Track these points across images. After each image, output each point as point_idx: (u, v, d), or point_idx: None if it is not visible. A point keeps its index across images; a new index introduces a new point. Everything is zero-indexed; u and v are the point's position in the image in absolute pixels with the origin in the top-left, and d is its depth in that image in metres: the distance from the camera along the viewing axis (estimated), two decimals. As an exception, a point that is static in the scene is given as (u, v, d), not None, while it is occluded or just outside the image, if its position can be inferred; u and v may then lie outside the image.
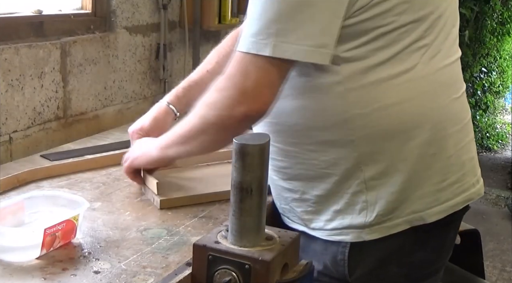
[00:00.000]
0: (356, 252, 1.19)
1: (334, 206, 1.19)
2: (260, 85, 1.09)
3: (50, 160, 1.67)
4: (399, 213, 1.16)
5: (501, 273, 3.53)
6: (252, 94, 1.09)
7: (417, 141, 1.15)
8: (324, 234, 1.21)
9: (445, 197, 1.19)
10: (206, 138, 1.20)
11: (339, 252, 1.20)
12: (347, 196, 1.17)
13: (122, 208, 1.37)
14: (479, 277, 2.28)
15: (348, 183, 1.17)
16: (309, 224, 1.24)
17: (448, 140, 1.18)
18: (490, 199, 4.78)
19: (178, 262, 1.12)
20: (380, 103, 1.13)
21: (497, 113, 7.22)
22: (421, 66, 1.14)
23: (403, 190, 1.16)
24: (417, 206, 1.17)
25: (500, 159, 6.07)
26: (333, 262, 1.21)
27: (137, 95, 2.32)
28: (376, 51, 1.10)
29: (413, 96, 1.14)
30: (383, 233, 1.17)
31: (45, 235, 1.10)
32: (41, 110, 1.87)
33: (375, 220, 1.16)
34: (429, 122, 1.15)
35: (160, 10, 2.37)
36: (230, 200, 1.02)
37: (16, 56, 1.75)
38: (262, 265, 0.98)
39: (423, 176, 1.16)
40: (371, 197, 1.16)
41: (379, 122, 1.13)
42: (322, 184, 1.19)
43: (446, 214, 1.19)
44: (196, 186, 1.49)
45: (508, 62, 6.87)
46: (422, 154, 1.16)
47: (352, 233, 1.18)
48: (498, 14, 6.32)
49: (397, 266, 1.20)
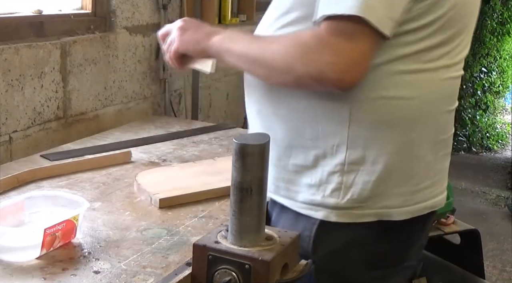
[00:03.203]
0: (322, 231, 1.20)
1: (307, 180, 1.20)
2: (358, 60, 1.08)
3: (50, 160, 1.67)
4: (371, 204, 1.18)
5: (501, 273, 3.53)
6: (352, 68, 1.08)
7: (407, 139, 1.17)
8: (295, 205, 1.22)
9: (416, 200, 1.21)
10: (275, 76, 1.15)
11: (306, 228, 1.21)
12: (323, 173, 1.18)
13: (122, 208, 1.37)
14: (479, 277, 2.28)
15: (327, 161, 1.18)
16: (279, 191, 1.24)
17: (434, 146, 1.21)
18: (490, 199, 4.78)
19: (178, 262, 1.12)
20: (388, 93, 1.14)
21: (497, 113, 7.21)
22: (435, 70, 1.16)
23: (380, 183, 1.17)
24: (390, 202, 1.19)
25: (500, 159, 6.07)
26: (300, 238, 1.20)
27: (137, 95, 2.32)
28: (405, 43, 1.12)
29: (419, 96, 1.16)
30: (351, 219, 1.18)
31: (45, 235, 1.10)
32: (41, 110, 1.87)
33: (346, 204, 1.18)
34: (424, 124, 1.18)
35: (160, 10, 2.37)
36: (230, 200, 1.02)
37: (16, 56, 1.75)
38: (262, 265, 0.98)
39: (403, 175, 1.18)
40: (346, 180, 1.17)
41: (380, 110, 1.15)
42: (301, 154, 1.20)
43: (412, 216, 1.21)
44: (193, 184, 1.49)
45: (508, 62, 6.86)
46: (408, 153, 1.18)
47: (321, 211, 1.19)
48: (498, 14, 6.32)
49: (359, 253, 1.22)
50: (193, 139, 2.00)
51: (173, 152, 1.84)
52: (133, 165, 1.68)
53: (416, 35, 1.12)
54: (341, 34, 1.06)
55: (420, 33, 1.12)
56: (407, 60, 1.13)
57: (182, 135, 2.03)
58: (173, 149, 1.87)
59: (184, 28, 1.26)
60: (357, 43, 1.06)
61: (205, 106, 2.81)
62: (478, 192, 4.91)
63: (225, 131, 2.12)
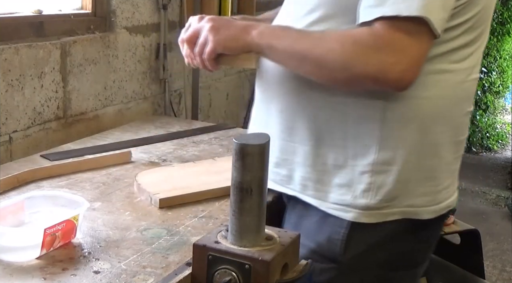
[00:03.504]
0: (352, 233, 1.19)
1: (337, 179, 1.19)
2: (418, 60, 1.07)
3: (50, 160, 1.67)
4: (397, 203, 1.18)
5: (501, 273, 3.53)
6: (412, 67, 1.07)
7: (434, 139, 1.18)
8: (323, 205, 1.21)
9: (440, 198, 1.23)
10: (326, 73, 1.12)
11: (335, 231, 1.20)
12: (353, 173, 1.18)
13: (122, 208, 1.37)
14: (479, 277, 2.28)
15: (358, 161, 1.17)
16: (306, 191, 1.23)
17: (453, 147, 1.22)
18: (490, 199, 4.78)
19: (178, 262, 1.12)
20: (418, 92, 1.14)
21: (497, 113, 7.21)
22: (460, 71, 1.17)
23: (408, 182, 1.18)
24: (415, 201, 1.19)
25: (500, 159, 6.07)
26: (329, 241, 1.21)
27: (137, 95, 2.32)
28: (437, 43, 1.12)
29: (446, 96, 1.17)
30: (379, 218, 1.19)
31: (45, 235, 1.10)
32: (41, 110, 1.87)
33: (376, 204, 1.17)
34: (448, 125, 1.19)
35: (160, 10, 2.37)
36: (230, 200, 1.02)
37: (16, 56, 1.75)
38: (262, 265, 0.98)
39: (428, 174, 1.19)
40: (377, 180, 1.17)
41: (411, 110, 1.15)
42: (331, 153, 1.19)
43: (437, 215, 1.22)
44: (193, 184, 1.49)
45: (508, 62, 6.86)
46: (434, 152, 1.19)
47: (351, 212, 1.18)
48: (498, 14, 6.31)
49: (384, 253, 1.22)
50: (193, 139, 2.00)
51: (173, 152, 1.84)
52: (133, 165, 1.68)
53: (448, 35, 1.12)
54: (404, 34, 1.05)
55: (451, 33, 1.13)
56: (436, 60, 1.14)
57: (182, 135, 2.03)
58: (173, 149, 1.87)
59: (216, 27, 1.20)
60: (418, 43, 1.06)
61: (205, 106, 2.81)
62: (478, 192, 4.91)
63: (225, 131, 2.12)
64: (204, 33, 1.21)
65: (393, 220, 1.19)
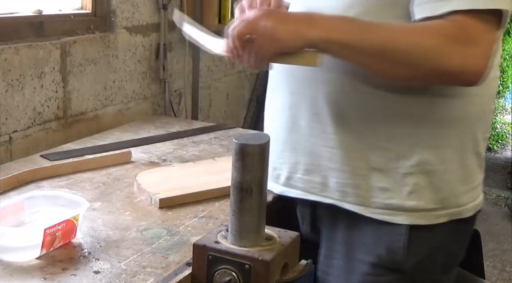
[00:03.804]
0: (412, 238, 1.16)
1: (380, 183, 1.16)
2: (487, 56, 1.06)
3: (50, 160, 1.67)
4: (445, 204, 1.16)
5: (501, 273, 3.52)
6: (489, 60, 1.06)
7: (473, 136, 1.18)
8: (367, 211, 1.16)
9: (475, 195, 1.22)
10: (400, 70, 1.05)
11: (394, 239, 1.16)
12: (397, 175, 1.15)
13: (122, 208, 1.37)
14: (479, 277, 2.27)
15: (402, 162, 1.14)
16: (347, 198, 1.18)
17: (484, 143, 1.22)
18: (490, 199, 4.77)
19: (178, 262, 1.12)
20: (461, 90, 1.13)
21: (497, 113, 7.21)
22: (495, 66, 1.17)
23: (452, 182, 1.16)
24: (459, 200, 1.18)
25: (500, 159, 6.06)
26: (389, 250, 1.16)
27: (137, 95, 2.32)
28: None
29: (481, 93, 1.16)
30: (432, 220, 1.16)
31: (45, 235, 1.10)
32: (41, 110, 1.87)
33: (425, 205, 1.15)
34: (483, 121, 1.20)
35: (160, 10, 2.37)
36: (230, 200, 1.02)
37: (16, 56, 1.75)
38: (262, 265, 0.98)
39: (468, 171, 1.19)
40: (422, 181, 1.14)
41: (455, 108, 1.14)
42: (373, 156, 1.15)
43: (475, 212, 1.22)
44: (193, 184, 1.49)
45: (508, 62, 6.86)
46: (473, 149, 1.19)
47: (401, 215, 1.15)
48: (498, 14, 6.31)
49: (443, 256, 1.19)
50: (193, 139, 2.00)
51: (173, 152, 1.84)
52: (133, 165, 1.68)
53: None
54: (484, 26, 1.03)
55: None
56: None
57: (182, 135, 2.03)
58: (173, 149, 1.87)
59: (273, 24, 1.04)
60: (492, 35, 1.05)
61: (205, 106, 2.81)
62: (478, 192, 4.90)
63: (225, 131, 2.12)
64: (261, 30, 1.05)
65: (443, 222, 1.17)
